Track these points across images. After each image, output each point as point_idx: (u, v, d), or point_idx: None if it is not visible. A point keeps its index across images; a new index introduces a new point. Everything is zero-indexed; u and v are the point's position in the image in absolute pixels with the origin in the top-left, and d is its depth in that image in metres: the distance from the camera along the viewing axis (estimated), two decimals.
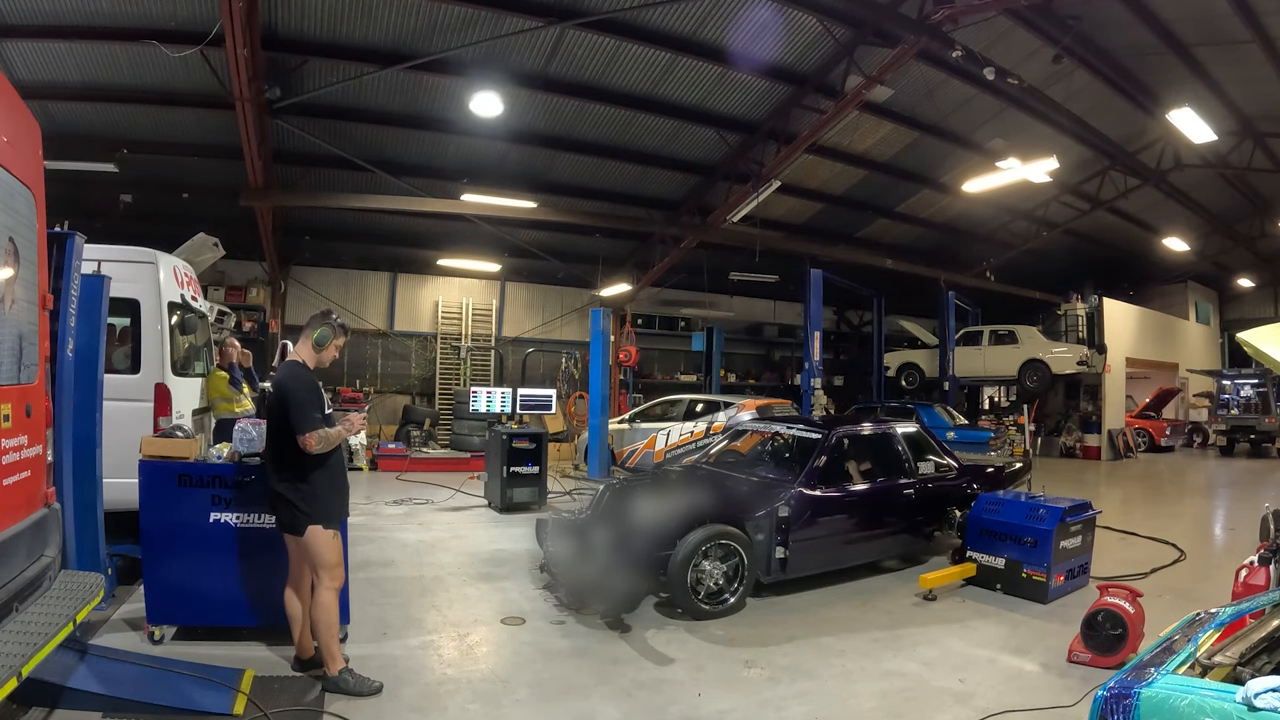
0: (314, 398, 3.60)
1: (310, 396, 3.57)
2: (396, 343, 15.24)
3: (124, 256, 5.63)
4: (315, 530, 3.55)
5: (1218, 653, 2.14)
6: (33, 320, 3.04)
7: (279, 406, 3.54)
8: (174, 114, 9.80)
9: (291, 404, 3.50)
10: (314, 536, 3.55)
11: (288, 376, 3.62)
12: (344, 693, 3.53)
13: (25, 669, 2.33)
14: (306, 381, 3.62)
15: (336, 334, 3.84)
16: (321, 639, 3.62)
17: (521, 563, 6.18)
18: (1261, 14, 9.07)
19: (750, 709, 3.60)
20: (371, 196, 11.77)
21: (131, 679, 3.41)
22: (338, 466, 3.75)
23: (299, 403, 3.50)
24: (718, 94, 10.59)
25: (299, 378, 3.61)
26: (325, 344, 3.79)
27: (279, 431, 3.56)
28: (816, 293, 12.48)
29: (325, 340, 3.79)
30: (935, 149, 12.81)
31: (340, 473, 3.78)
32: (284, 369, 3.72)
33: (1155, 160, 13.86)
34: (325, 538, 3.58)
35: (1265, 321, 6.17)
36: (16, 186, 2.85)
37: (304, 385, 3.58)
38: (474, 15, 8.53)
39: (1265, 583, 3.68)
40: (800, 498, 5.32)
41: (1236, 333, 3.97)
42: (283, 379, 3.63)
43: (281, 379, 3.64)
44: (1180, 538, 7.38)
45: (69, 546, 3.71)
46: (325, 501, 3.61)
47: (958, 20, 8.16)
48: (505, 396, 9.85)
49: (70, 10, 7.76)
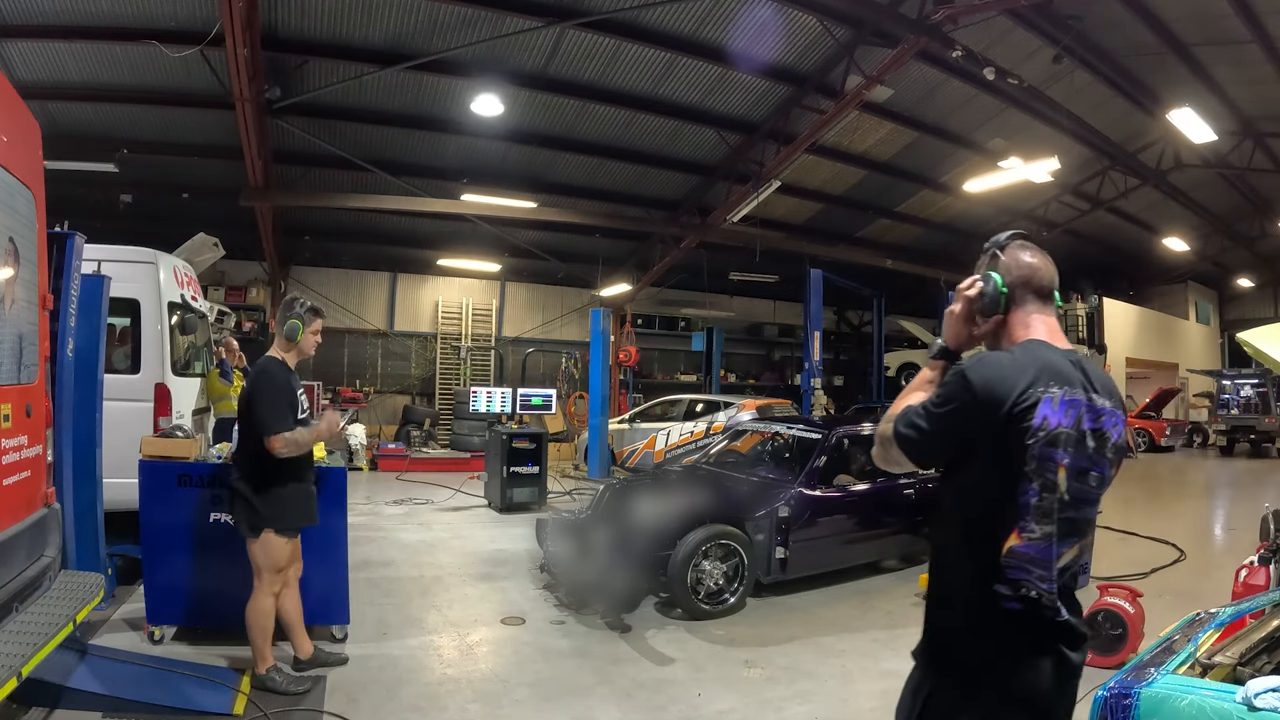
0: (284, 397, 3.42)
1: (279, 396, 3.40)
2: (396, 343, 15.23)
3: (124, 256, 5.63)
4: (269, 535, 3.44)
5: (1218, 653, 2.14)
6: (33, 320, 3.03)
7: (247, 405, 3.44)
8: (174, 114, 9.80)
9: (258, 403, 3.38)
10: (266, 541, 3.44)
11: (258, 375, 3.49)
12: (272, 691, 3.46)
13: (25, 669, 2.33)
14: (277, 380, 3.45)
15: (308, 320, 3.60)
16: (253, 639, 3.52)
17: (521, 563, 6.18)
18: (1261, 14, 9.06)
19: (750, 709, 3.60)
20: (371, 196, 11.77)
21: (131, 679, 3.42)
22: (305, 471, 3.62)
23: (266, 402, 3.37)
24: (718, 94, 10.59)
25: (269, 376, 3.46)
26: (297, 336, 3.57)
27: (246, 430, 3.46)
28: (816, 293, 12.49)
29: (295, 332, 3.56)
30: (935, 149, 12.81)
31: (308, 478, 3.65)
32: (256, 368, 3.57)
33: (1155, 160, 13.85)
34: (278, 544, 3.47)
35: (1265, 321, 6.17)
36: (16, 186, 2.85)
37: (273, 384, 3.42)
38: (474, 15, 8.53)
39: (1265, 583, 3.69)
40: (800, 498, 5.32)
41: (1236, 333, 3.97)
42: (253, 377, 3.52)
43: (253, 378, 3.52)
44: (1180, 538, 7.38)
45: (69, 546, 3.70)
46: (288, 507, 3.50)
47: (958, 20, 8.15)
48: (505, 396, 9.85)
49: (70, 10, 7.75)
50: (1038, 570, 1.47)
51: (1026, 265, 1.67)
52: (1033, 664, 1.48)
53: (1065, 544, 1.51)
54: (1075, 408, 1.51)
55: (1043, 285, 1.67)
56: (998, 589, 1.47)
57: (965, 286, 1.73)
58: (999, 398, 1.48)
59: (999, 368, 1.53)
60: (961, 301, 1.73)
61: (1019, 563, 1.47)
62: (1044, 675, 1.48)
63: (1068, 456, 1.49)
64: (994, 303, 1.66)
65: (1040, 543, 1.47)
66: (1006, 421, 1.48)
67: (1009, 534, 1.48)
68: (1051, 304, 1.69)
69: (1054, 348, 1.59)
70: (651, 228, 13.99)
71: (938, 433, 1.57)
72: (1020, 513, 1.48)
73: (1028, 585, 1.46)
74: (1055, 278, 1.70)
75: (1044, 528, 1.47)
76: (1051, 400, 1.48)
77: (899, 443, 1.62)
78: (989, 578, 1.49)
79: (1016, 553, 1.47)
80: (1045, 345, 1.59)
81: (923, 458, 1.66)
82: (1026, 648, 1.48)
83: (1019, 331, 1.65)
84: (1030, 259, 1.68)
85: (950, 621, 1.59)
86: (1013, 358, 1.56)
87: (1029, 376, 1.49)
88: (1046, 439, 1.47)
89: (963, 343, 1.74)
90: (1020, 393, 1.48)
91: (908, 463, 1.66)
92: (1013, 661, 1.49)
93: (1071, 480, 1.50)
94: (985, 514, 1.53)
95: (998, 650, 1.49)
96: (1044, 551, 1.47)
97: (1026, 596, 1.46)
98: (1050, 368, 1.52)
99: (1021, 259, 1.68)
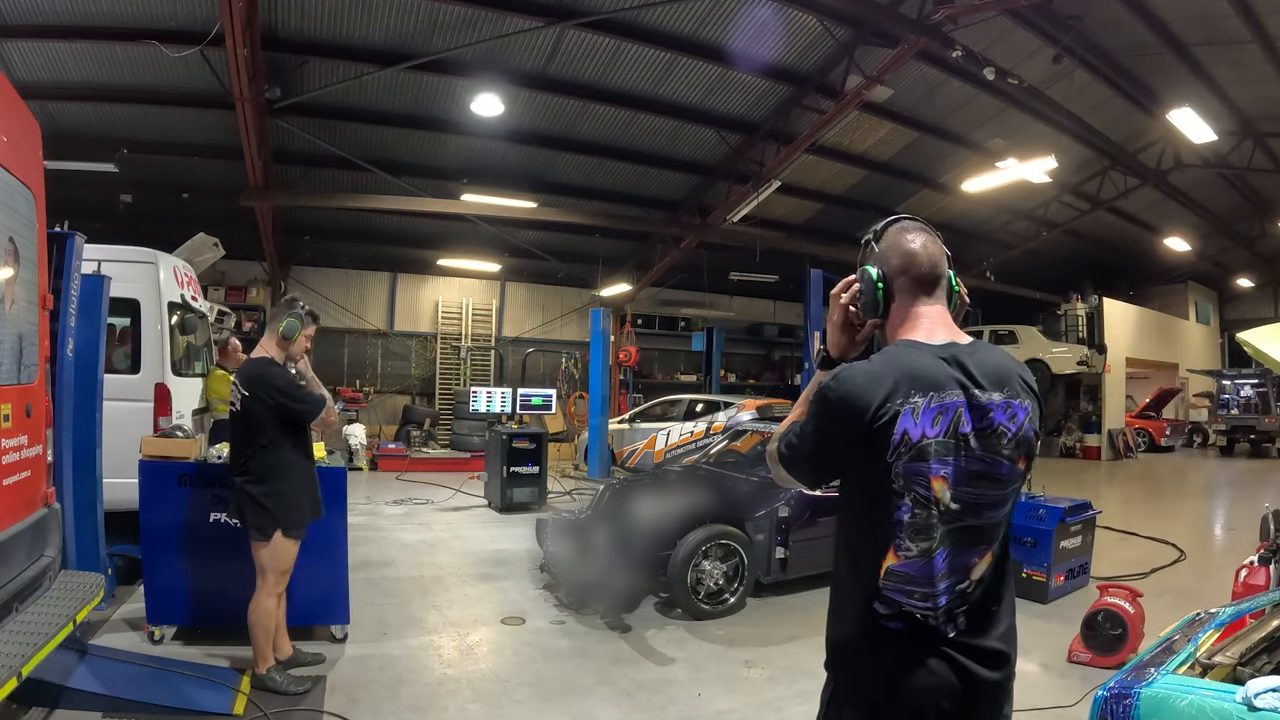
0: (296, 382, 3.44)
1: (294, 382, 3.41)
2: (396, 343, 15.23)
3: (124, 256, 5.63)
4: (278, 538, 3.43)
5: (1218, 653, 2.14)
6: (33, 320, 3.03)
7: (258, 407, 3.37)
8: (174, 114, 9.79)
9: (283, 396, 3.35)
10: (275, 543, 3.43)
11: (263, 373, 3.40)
12: (272, 691, 3.46)
13: (25, 669, 2.33)
14: (284, 372, 3.42)
15: (305, 323, 3.57)
16: (254, 639, 3.51)
17: (521, 563, 6.18)
18: (1261, 14, 9.06)
19: (750, 709, 3.60)
20: (371, 196, 11.77)
21: (131, 679, 3.42)
22: (309, 466, 3.62)
23: (290, 392, 3.35)
24: (718, 94, 10.58)
25: (268, 374, 3.40)
26: (294, 335, 3.52)
27: (248, 432, 3.41)
28: (816, 293, 12.44)
29: (293, 332, 3.52)
30: (935, 149, 12.80)
31: (312, 475, 3.64)
32: (253, 367, 3.48)
33: (1155, 160, 13.85)
34: (286, 546, 3.48)
35: (1265, 321, 6.17)
36: (16, 186, 2.85)
37: (284, 375, 3.39)
38: (474, 15, 8.53)
39: (1265, 583, 3.68)
40: (800, 498, 5.32)
41: (1236, 333, 3.97)
42: (259, 377, 3.40)
43: (257, 377, 3.41)
44: (1180, 538, 7.38)
45: (69, 546, 3.71)
46: (297, 508, 3.49)
47: (958, 20, 8.15)
48: (505, 396, 9.85)
49: (70, 10, 7.75)
50: (918, 589, 1.38)
51: (903, 253, 1.51)
52: (923, 681, 1.39)
53: (970, 555, 1.41)
54: (947, 413, 1.38)
55: (923, 272, 1.50)
56: (875, 607, 1.41)
57: (838, 291, 1.58)
58: (855, 415, 1.38)
59: (853, 383, 1.40)
60: (837, 309, 1.58)
61: (895, 583, 1.39)
62: (935, 689, 1.38)
63: (945, 467, 1.38)
64: (872, 301, 1.52)
65: (918, 560, 1.38)
66: (867, 439, 1.38)
67: (885, 553, 1.40)
68: (940, 291, 1.52)
69: (923, 347, 1.45)
70: (651, 228, 13.99)
71: (810, 453, 1.49)
72: (894, 530, 1.39)
73: (907, 605, 1.39)
74: (941, 259, 1.52)
75: (920, 544, 1.38)
76: (913, 411, 1.36)
77: (781, 462, 1.53)
78: (869, 597, 1.42)
79: (894, 572, 1.39)
80: (913, 347, 1.46)
81: (805, 478, 1.56)
82: (916, 664, 1.40)
83: (897, 330, 1.51)
84: (909, 244, 1.51)
85: (841, 635, 1.51)
86: (868, 369, 1.42)
87: (886, 389, 1.37)
88: (912, 454, 1.37)
89: (845, 350, 1.60)
90: (877, 408, 1.36)
91: (800, 484, 1.57)
92: (901, 677, 1.40)
93: (959, 488, 1.39)
94: (863, 533, 1.46)
95: (884, 663, 1.42)
96: (923, 569, 1.38)
97: (909, 615, 1.39)
98: (910, 374, 1.39)
99: (899, 245, 1.52)
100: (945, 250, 1.55)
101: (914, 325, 1.49)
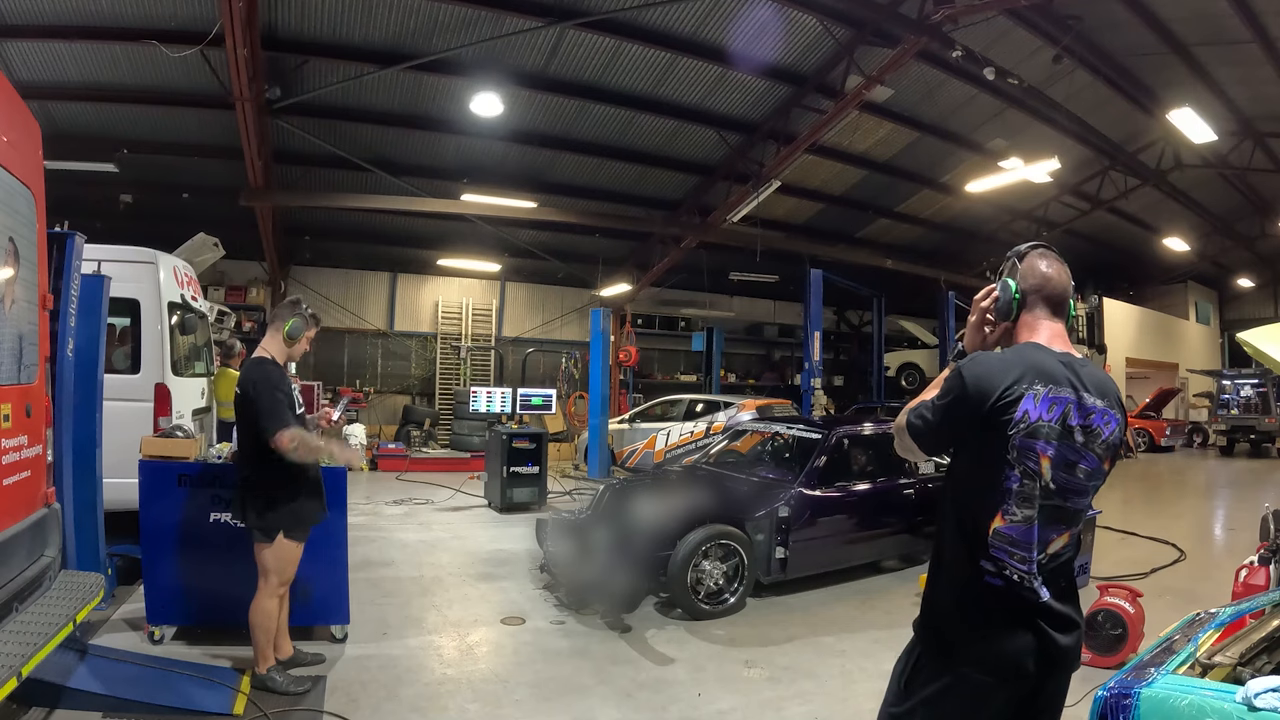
0: (285, 395, 3.39)
1: (281, 394, 3.37)
2: (396, 343, 15.23)
3: (124, 256, 5.63)
4: (282, 540, 3.42)
5: (1218, 653, 2.14)
6: (33, 320, 3.03)
7: (248, 406, 3.37)
8: (174, 114, 9.80)
9: (260, 402, 3.31)
10: (279, 545, 3.42)
11: (255, 374, 3.41)
12: (272, 691, 3.46)
13: (25, 669, 2.33)
14: (276, 378, 3.40)
15: (308, 325, 3.60)
16: (255, 639, 3.50)
17: (521, 563, 6.18)
18: (1261, 14, 9.07)
19: (750, 709, 3.60)
20: (371, 196, 11.77)
21: (131, 679, 3.42)
22: (314, 470, 3.59)
23: (269, 401, 3.31)
24: (718, 94, 10.59)
25: (267, 375, 3.40)
26: (298, 336, 3.54)
27: (250, 432, 3.41)
28: (816, 293, 12.47)
29: (298, 332, 3.54)
30: (935, 149, 12.81)
31: (316, 477, 3.62)
32: (251, 366, 3.49)
33: (1155, 160, 13.86)
34: (290, 548, 3.47)
35: (1265, 321, 6.17)
36: (16, 186, 2.85)
37: (273, 382, 3.37)
38: (474, 15, 8.53)
39: (1265, 583, 3.69)
40: (800, 498, 5.32)
41: (1236, 333, 3.97)
42: (250, 377, 3.41)
43: (249, 377, 3.42)
44: (1180, 538, 7.38)
45: (69, 546, 3.71)
46: (302, 510, 3.48)
47: (958, 20, 8.16)
48: (505, 396, 9.84)
49: (70, 10, 7.76)
50: (1018, 551, 1.62)
51: (1041, 274, 1.80)
52: (1009, 638, 1.62)
53: (1052, 530, 1.66)
54: (1060, 404, 1.64)
55: (1054, 294, 1.79)
56: (982, 564, 1.65)
57: (980, 296, 1.89)
58: (986, 392, 1.64)
59: (987, 365, 1.69)
60: (976, 311, 1.88)
61: (1001, 543, 1.63)
62: (1020, 650, 1.62)
63: (1051, 448, 1.63)
64: (1007, 308, 1.80)
65: (1021, 525, 1.63)
66: (992, 413, 1.63)
67: (994, 516, 1.64)
68: (1062, 314, 1.81)
69: (1047, 350, 1.72)
70: (651, 228, 13.99)
71: (938, 423, 1.73)
72: (1003, 497, 1.64)
73: (1008, 565, 1.62)
74: (1069, 288, 1.82)
75: (1025, 511, 1.62)
76: (1034, 396, 1.63)
77: (910, 431, 1.79)
78: (975, 554, 1.66)
79: (1000, 533, 1.64)
80: (1038, 348, 1.73)
81: (927, 445, 1.81)
82: (1004, 623, 1.63)
83: (1023, 335, 1.79)
84: (1046, 269, 1.80)
85: (940, 594, 1.77)
86: (1001, 357, 1.72)
87: (1015, 374, 1.64)
88: (1027, 430, 1.62)
89: (977, 347, 1.88)
90: (1005, 388, 1.63)
91: (920, 452, 1.84)
92: (990, 634, 1.64)
93: (1057, 471, 1.64)
94: (975, 498, 1.70)
95: (979, 621, 1.66)
96: (1025, 534, 1.63)
97: (1007, 576, 1.63)
98: (1037, 367, 1.66)
99: (1037, 268, 1.81)
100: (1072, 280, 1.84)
101: (1037, 333, 1.78)
